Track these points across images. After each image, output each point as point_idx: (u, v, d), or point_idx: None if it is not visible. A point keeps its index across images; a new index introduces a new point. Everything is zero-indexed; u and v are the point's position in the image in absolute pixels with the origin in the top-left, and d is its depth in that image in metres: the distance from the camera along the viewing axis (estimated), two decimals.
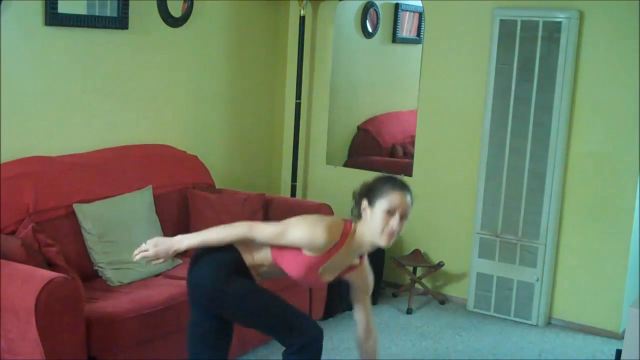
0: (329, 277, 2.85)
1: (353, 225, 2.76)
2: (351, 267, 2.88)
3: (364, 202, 2.73)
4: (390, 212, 2.67)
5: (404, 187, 2.74)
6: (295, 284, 2.96)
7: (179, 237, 2.78)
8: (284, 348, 2.78)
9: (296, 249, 2.73)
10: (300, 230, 2.69)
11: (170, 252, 2.75)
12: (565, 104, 4.19)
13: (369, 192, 2.73)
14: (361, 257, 2.89)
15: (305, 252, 2.73)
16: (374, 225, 2.68)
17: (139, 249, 2.76)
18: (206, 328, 2.80)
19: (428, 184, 4.74)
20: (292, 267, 2.79)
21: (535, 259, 4.34)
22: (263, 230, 2.74)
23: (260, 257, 2.83)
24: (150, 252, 2.74)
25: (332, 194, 4.93)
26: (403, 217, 2.70)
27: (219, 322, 2.81)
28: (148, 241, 2.76)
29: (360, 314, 2.99)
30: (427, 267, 4.68)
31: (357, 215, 2.76)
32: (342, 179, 5.06)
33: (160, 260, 2.77)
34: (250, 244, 2.80)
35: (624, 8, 4.06)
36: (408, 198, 2.72)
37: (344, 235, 2.74)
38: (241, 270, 2.79)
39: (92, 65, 3.84)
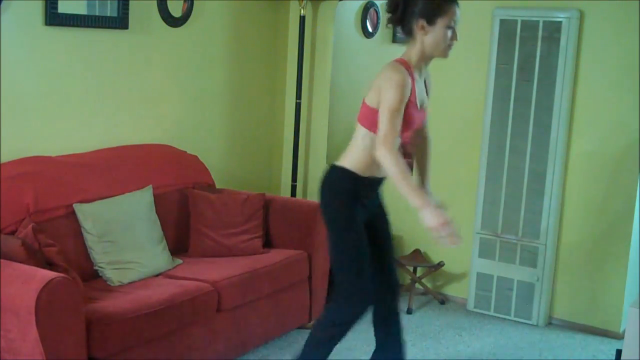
0: (426, 104, 3.08)
1: (405, 54, 2.98)
2: (426, 88, 3.11)
3: (421, 22, 2.91)
4: (451, 27, 2.92)
5: (455, 0, 2.96)
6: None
7: (414, 202, 2.75)
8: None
9: None
10: (393, 94, 2.81)
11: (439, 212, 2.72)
12: (565, 104, 4.19)
13: (423, 13, 2.90)
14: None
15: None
16: (438, 41, 2.92)
17: (445, 233, 2.68)
18: None
19: None
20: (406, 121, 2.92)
21: (535, 259, 4.34)
22: (383, 125, 2.81)
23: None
24: (447, 228, 2.68)
25: None
26: (457, 26, 2.96)
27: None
28: (433, 225, 2.67)
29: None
30: (427, 267, 4.68)
31: (408, 32, 2.96)
32: None
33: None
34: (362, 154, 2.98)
35: (624, 8, 4.06)
36: (459, 8, 2.96)
37: (406, 65, 2.93)
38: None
39: (92, 65, 3.84)
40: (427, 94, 3.11)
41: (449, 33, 2.92)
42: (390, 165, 2.76)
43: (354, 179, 2.97)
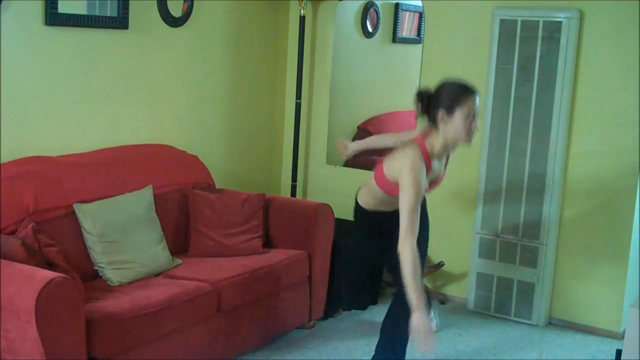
0: (440, 175, 3.24)
1: (426, 140, 3.08)
2: (446, 164, 3.27)
3: (441, 112, 3.01)
4: (470, 117, 2.99)
5: (474, 91, 3.05)
6: None
7: (413, 301, 2.86)
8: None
9: None
10: (411, 194, 2.95)
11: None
12: (565, 103, 4.19)
13: (443, 104, 3.01)
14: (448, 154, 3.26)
15: None
16: (458, 131, 3.01)
17: (424, 338, 2.82)
18: None
19: None
20: None
21: (535, 259, 4.34)
22: (404, 222, 2.93)
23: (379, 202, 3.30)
24: (428, 335, 2.82)
25: (332, 194, 4.93)
26: (477, 116, 3.03)
27: None
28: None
29: None
30: (427, 267, 4.67)
31: (433, 122, 3.06)
32: (342, 179, 5.06)
33: None
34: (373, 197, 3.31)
35: (624, 8, 4.06)
36: (478, 98, 3.04)
37: (426, 157, 3.05)
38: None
39: (92, 65, 3.84)
40: (445, 166, 3.26)
41: (469, 123, 3.01)
42: (406, 262, 2.89)
43: (363, 213, 3.40)
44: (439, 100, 3.03)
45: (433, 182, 3.24)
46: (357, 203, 3.42)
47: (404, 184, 2.97)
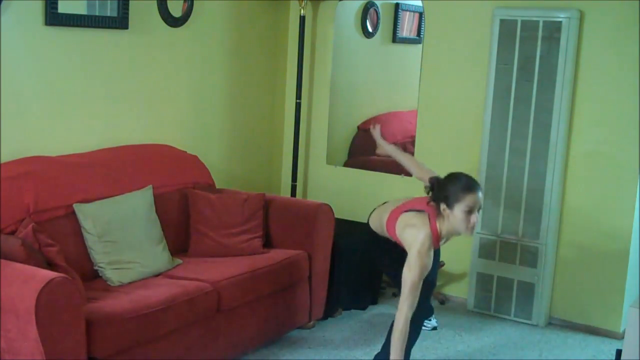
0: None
1: (437, 220, 3.22)
2: None
3: (442, 205, 3.18)
4: (469, 212, 3.13)
5: (475, 187, 3.18)
6: None
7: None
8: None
9: None
10: (416, 272, 3.13)
11: None
12: (565, 103, 4.19)
13: (445, 198, 3.17)
14: None
15: None
16: (457, 224, 3.16)
17: None
18: None
19: None
20: None
21: (535, 259, 4.34)
22: (404, 295, 3.14)
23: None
24: None
25: (332, 194, 4.94)
26: (479, 210, 3.18)
27: None
28: None
29: None
30: None
31: (438, 211, 3.21)
32: (342, 179, 5.07)
33: None
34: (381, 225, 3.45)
35: (624, 8, 4.06)
36: (480, 194, 3.18)
37: (436, 239, 3.22)
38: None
39: (92, 65, 3.84)
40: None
41: (468, 217, 3.14)
42: (396, 330, 3.15)
43: (373, 234, 3.55)
44: (442, 193, 3.20)
45: None
46: (368, 224, 3.59)
47: (411, 263, 3.14)
